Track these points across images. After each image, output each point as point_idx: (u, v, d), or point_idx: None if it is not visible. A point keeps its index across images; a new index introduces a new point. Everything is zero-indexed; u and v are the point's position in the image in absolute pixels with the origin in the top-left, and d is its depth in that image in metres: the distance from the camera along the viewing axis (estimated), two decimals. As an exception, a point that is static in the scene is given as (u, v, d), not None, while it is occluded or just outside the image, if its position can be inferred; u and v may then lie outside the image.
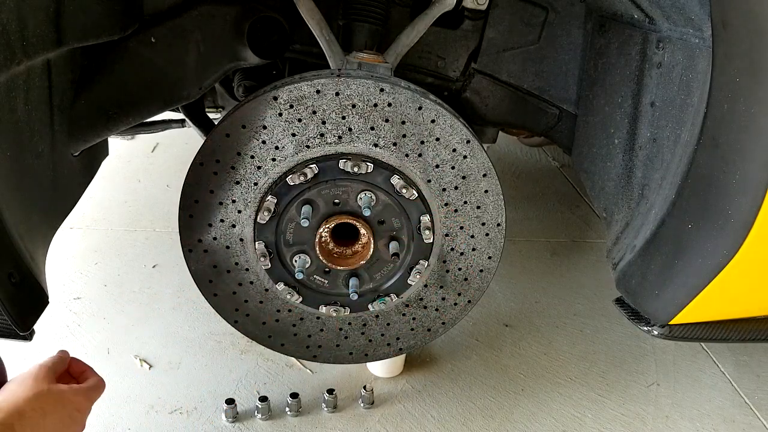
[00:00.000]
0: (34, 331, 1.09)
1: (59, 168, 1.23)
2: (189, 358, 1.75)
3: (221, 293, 1.40)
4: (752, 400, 1.72)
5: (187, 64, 1.37)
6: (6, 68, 0.91)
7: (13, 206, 1.02)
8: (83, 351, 1.75)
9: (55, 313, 1.89)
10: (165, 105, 1.41)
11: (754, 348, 1.92)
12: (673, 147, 1.14)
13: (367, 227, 1.31)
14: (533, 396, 1.69)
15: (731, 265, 1.03)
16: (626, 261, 1.27)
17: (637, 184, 1.27)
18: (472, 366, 1.78)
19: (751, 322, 1.23)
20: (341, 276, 1.37)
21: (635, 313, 1.26)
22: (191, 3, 1.36)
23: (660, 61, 1.19)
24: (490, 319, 2.00)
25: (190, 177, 1.28)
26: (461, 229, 1.36)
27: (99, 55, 1.30)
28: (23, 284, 1.04)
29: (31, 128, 1.08)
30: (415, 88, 1.27)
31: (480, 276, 1.42)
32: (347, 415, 1.58)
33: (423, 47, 1.58)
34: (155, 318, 1.91)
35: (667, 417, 1.65)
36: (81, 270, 2.14)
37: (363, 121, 1.25)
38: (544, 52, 1.55)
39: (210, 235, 1.33)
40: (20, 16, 0.92)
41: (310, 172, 1.26)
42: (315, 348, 1.49)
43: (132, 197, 2.69)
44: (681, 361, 1.86)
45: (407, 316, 1.46)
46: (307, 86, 1.21)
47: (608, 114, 1.37)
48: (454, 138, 1.27)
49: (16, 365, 1.67)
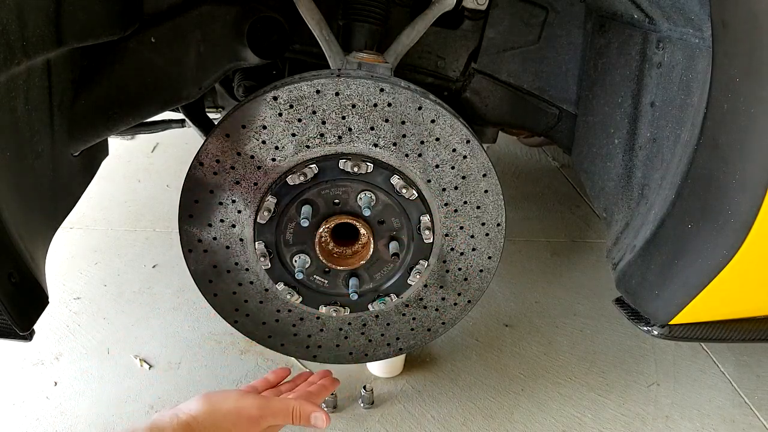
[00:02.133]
0: (34, 331, 1.09)
1: (59, 168, 1.23)
2: (189, 358, 1.75)
3: (221, 293, 1.40)
4: (752, 400, 1.73)
5: (187, 64, 1.37)
6: (6, 68, 0.91)
7: (13, 206, 1.02)
8: (83, 351, 1.75)
9: (55, 313, 1.89)
10: (165, 105, 1.41)
11: (754, 348, 1.92)
12: (673, 147, 1.15)
13: (367, 227, 1.31)
14: (533, 396, 1.69)
15: (731, 265, 1.03)
16: (626, 261, 1.27)
17: (637, 184, 1.27)
18: (472, 366, 1.78)
19: (751, 322, 1.23)
20: (341, 276, 1.37)
21: (635, 313, 1.26)
22: (191, 3, 1.36)
23: (660, 61, 1.19)
24: (490, 319, 2.00)
25: (189, 177, 1.28)
26: (461, 229, 1.36)
27: (99, 55, 1.30)
28: (23, 284, 1.04)
29: (31, 128, 1.08)
30: (415, 88, 1.28)
31: (480, 276, 1.42)
32: (347, 415, 1.59)
33: (423, 47, 1.58)
34: (155, 318, 1.91)
35: (667, 417, 1.65)
36: (81, 270, 2.14)
37: (363, 121, 1.25)
38: (544, 52, 1.55)
39: (210, 235, 1.33)
40: (20, 16, 0.92)
41: (310, 172, 1.26)
42: (315, 348, 1.49)
43: (132, 197, 2.69)
44: (681, 361, 1.86)
45: (407, 316, 1.46)
46: (307, 86, 1.21)
47: (608, 114, 1.37)
48: (454, 138, 1.27)
49: (16, 365, 1.67)
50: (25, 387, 1.61)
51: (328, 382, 1.34)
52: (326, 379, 1.35)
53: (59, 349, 1.75)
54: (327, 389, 1.31)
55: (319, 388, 1.30)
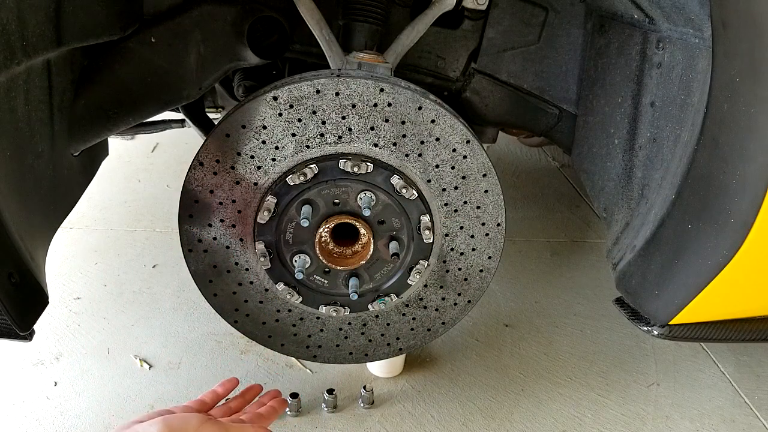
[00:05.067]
0: (34, 331, 1.09)
1: (59, 168, 1.23)
2: (189, 358, 1.75)
3: (221, 293, 1.40)
4: (752, 400, 1.73)
5: (187, 64, 1.37)
6: (6, 68, 0.91)
7: (13, 206, 1.02)
8: (83, 351, 1.75)
9: (55, 313, 1.89)
10: (165, 105, 1.41)
11: (754, 348, 1.92)
12: (673, 147, 1.14)
13: (367, 227, 1.31)
14: (533, 396, 1.69)
15: (731, 265, 1.03)
16: (626, 261, 1.27)
17: (637, 184, 1.27)
18: (472, 366, 1.78)
19: (751, 322, 1.23)
20: (341, 276, 1.37)
21: (635, 313, 1.26)
22: (191, 3, 1.36)
23: (660, 61, 1.19)
24: (490, 319, 2.00)
25: (189, 177, 1.28)
26: (461, 229, 1.36)
27: (99, 55, 1.31)
28: (23, 284, 1.04)
29: (31, 128, 1.08)
30: (415, 88, 1.28)
31: (480, 276, 1.42)
32: (347, 415, 1.58)
33: (423, 47, 1.58)
34: (155, 318, 1.91)
35: (667, 417, 1.65)
36: (81, 270, 2.14)
37: (363, 121, 1.25)
38: (544, 52, 1.55)
39: (210, 235, 1.33)
40: (20, 15, 0.92)
41: (310, 172, 1.26)
42: (315, 348, 1.49)
43: (132, 197, 2.69)
44: (681, 361, 1.86)
45: (407, 316, 1.46)
46: (307, 86, 1.21)
47: (608, 114, 1.37)
48: (454, 138, 1.27)
49: (16, 365, 1.68)
50: (25, 387, 1.61)
51: (278, 404, 1.38)
52: (276, 400, 1.39)
53: (59, 349, 1.75)
54: (276, 412, 1.36)
55: (269, 410, 1.34)
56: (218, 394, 1.36)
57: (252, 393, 1.42)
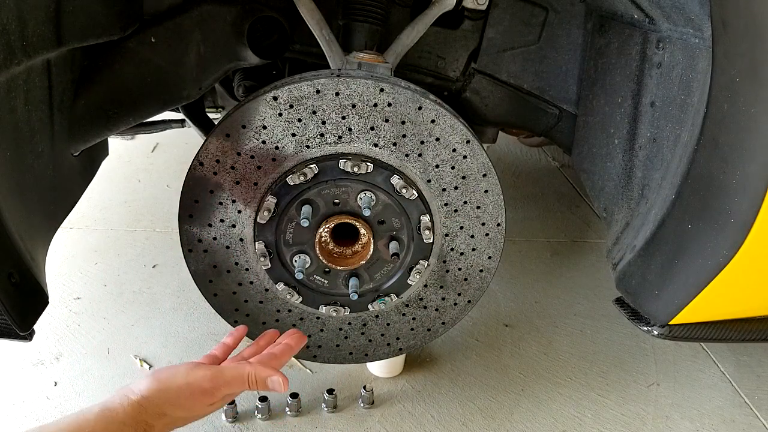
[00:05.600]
0: (34, 331, 1.09)
1: (59, 168, 1.23)
2: (189, 358, 1.73)
3: (221, 293, 1.40)
4: (752, 400, 1.72)
5: (187, 64, 1.37)
6: (6, 68, 0.91)
7: (13, 206, 1.02)
8: (83, 351, 1.75)
9: (55, 313, 1.89)
10: (165, 105, 1.41)
11: (754, 348, 1.92)
12: (673, 147, 1.14)
13: (367, 227, 1.31)
14: (533, 396, 1.69)
15: (731, 265, 1.03)
16: (626, 261, 1.27)
17: (637, 184, 1.27)
18: (472, 366, 1.78)
19: (751, 322, 1.23)
20: (341, 276, 1.37)
21: (635, 313, 1.26)
22: (191, 3, 1.36)
23: (660, 61, 1.19)
24: (490, 319, 2.00)
25: (189, 177, 1.28)
26: (461, 229, 1.36)
27: (99, 55, 1.30)
28: (23, 284, 1.04)
29: (31, 128, 1.08)
30: (415, 88, 1.28)
31: (480, 276, 1.42)
32: (347, 415, 1.58)
33: (423, 47, 1.58)
34: (155, 318, 1.91)
35: (667, 417, 1.65)
36: (81, 270, 2.14)
37: (363, 121, 1.25)
38: (544, 52, 1.55)
39: (210, 235, 1.33)
40: (20, 15, 0.92)
41: (310, 172, 1.26)
42: (315, 348, 1.49)
43: (132, 197, 2.69)
44: (681, 361, 1.86)
45: (407, 316, 1.46)
46: (307, 86, 1.21)
47: (608, 114, 1.37)
48: (454, 138, 1.27)
49: (16, 365, 1.67)
50: (25, 387, 1.61)
51: (294, 341, 1.22)
52: (292, 338, 1.23)
53: (59, 349, 1.75)
54: (292, 349, 1.20)
55: (283, 348, 1.19)
56: (228, 346, 1.24)
57: (266, 339, 1.26)
